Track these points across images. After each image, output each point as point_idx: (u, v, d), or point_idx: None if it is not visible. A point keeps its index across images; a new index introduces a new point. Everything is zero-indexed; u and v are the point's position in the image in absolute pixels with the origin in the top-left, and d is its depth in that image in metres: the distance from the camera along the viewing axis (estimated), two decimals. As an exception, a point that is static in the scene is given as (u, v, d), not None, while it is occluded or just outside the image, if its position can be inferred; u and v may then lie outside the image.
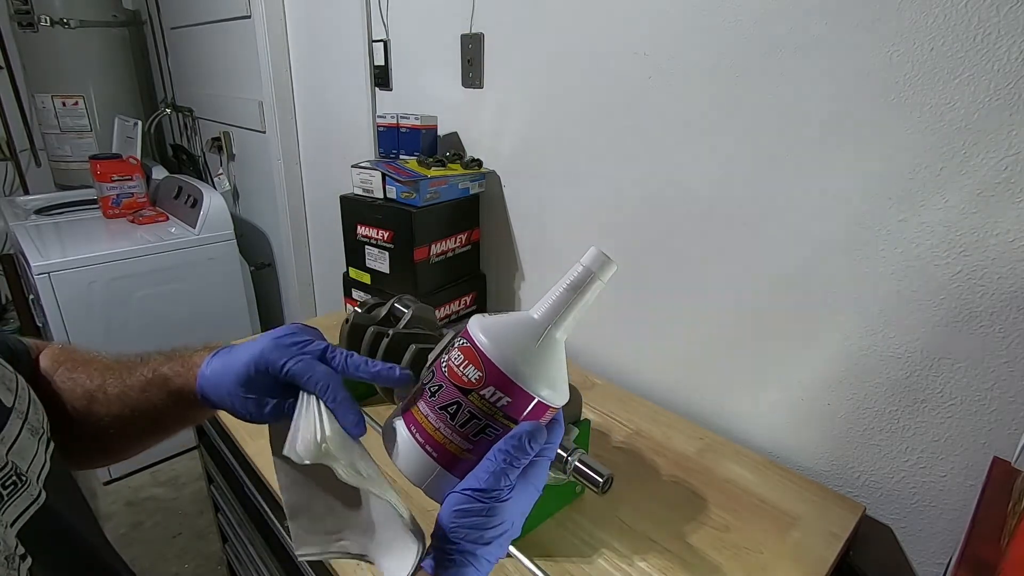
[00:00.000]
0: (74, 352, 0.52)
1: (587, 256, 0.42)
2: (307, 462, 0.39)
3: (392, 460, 0.42)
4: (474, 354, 0.40)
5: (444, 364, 0.42)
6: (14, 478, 0.34)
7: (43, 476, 0.37)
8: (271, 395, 0.45)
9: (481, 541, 0.40)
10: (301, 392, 0.44)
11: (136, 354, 0.51)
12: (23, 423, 0.37)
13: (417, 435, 0.41)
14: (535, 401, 0.40)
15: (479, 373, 0.40)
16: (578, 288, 0.42)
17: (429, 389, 0.42)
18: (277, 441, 0.49)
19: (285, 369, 0.44)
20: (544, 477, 0.43)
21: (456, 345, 0.42)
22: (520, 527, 0.42)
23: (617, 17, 0.97)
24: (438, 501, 0.42)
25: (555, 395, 0.41)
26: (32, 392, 0.41)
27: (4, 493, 0.33)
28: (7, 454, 0.35)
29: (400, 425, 0.43)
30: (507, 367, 0.39)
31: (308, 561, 0.48)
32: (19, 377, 0.40)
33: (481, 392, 0.40)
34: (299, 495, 0.49)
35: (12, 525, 0.33)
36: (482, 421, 0.40)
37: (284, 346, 0.45)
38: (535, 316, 0.42)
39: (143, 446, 0.53)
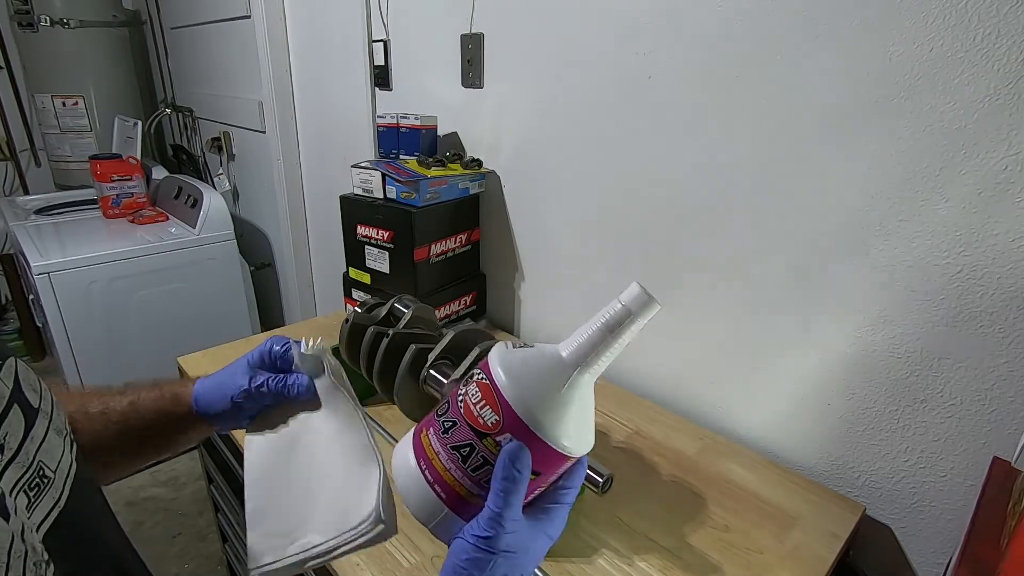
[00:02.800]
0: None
1: (627, 293, 0.38)
2: (311, 352, 0.51)
3: (398, 493, 0.40)
4: (492, 395, 0.37)
5: (460, 398, 0.39)
6: (38, 479, 0.34)
7: (70, 476, 0.37)
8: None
9: None
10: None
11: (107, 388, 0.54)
12: (49, 423, 0.37)
13: (427, 472, 0.39)
14: (555, 451, 0.37)
15: (496, 417, 0.37)
16: (614, 329, 0.38)
17: (443, 423, 0.39)
18: (256, 425, 0.54)
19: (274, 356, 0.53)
20: (561, 525, 0.40)
21: (475, 379, 0.39)
22: (535, 567, 0.40)
23: (617, 17, 0.97)
24: (444, 542, 0.40)
25: (578, 445, 0.38)
26: (53, 395, 0.41)
27: (31, 495, 0.33)
28: (36, 452, 0.34)
29: (410, 455, 0.40)
30: (527, 415, 0.36)
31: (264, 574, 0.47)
32: (41, 380, 0.40)
33: (497, 438, 0.37)
34: (263, 497, 0.51)
35: (38, 529, 0.33)
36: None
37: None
38: (563, 354, 0.38)
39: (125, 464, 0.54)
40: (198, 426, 0.54)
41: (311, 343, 0.53)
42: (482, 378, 0.39)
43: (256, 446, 0.53)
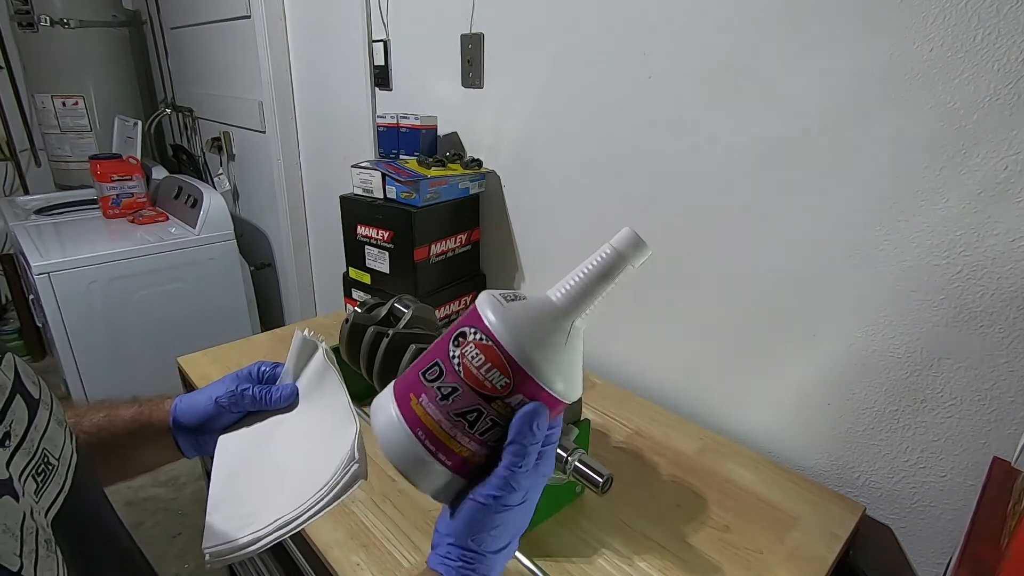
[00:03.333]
0: None
1: (619, 237, 0.38)
2: (307, 334, 0.56)
3: (392, 462, 0.39)
4: (499, 357, 0.36)
5: (457, 361, 0.38)
6: (43, 465, 0.35)
7: (72, 464, 0.38)
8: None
9: (501, 545, 0.39)
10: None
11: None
12: (50, 414, 0.38)
13: (427, 442, 0.38)
14: (555, 399, 0.38)
15: (506, 380, 0.36)
16: (607, 275, 0.37)
17: (439, 389, 0.37)
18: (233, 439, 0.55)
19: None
20: (552, 463, 0.42)
21: (471, 339, 0.38)
22: (530, 519, 0.42)
23: (617, 17, 0.97)
24: (449, 504, 0.40)
25: (574, 391, 0.39)
26: (51, 387, 0.42)
27: (39, 480, 0.34)
28: (40, 440, 0.35)
29: (402, 425, 0.38)
30: (539, 375, 0.36)
31: (215, 556, 0.47)
32: (39, 375, 0.41)
33: (507, 400, 0.37)
34: (228, 487, 0.51)
35: (47, 512, 0.34)
36: (505, 428, 0.38)
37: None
38: (558, 304, 0.38)
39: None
40: (167, 440, 0.55)
41: (307, 331, 0.57)
42: (481, 339, 0.37)
43: (227, 443, 0.54)
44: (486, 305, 0.39)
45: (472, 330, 0.38)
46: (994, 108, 0.64)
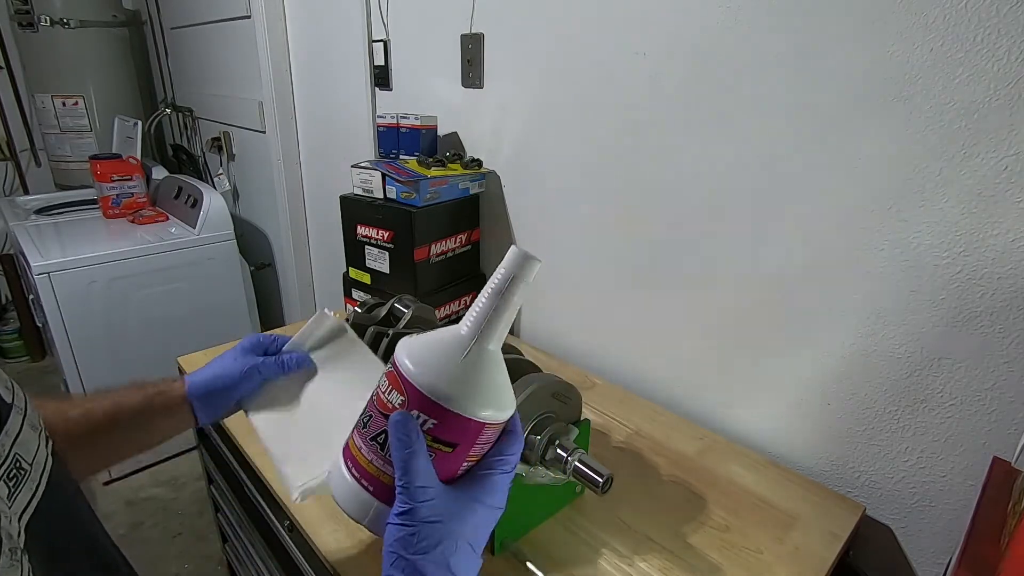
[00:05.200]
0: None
1: (507, 258, 0.40)
2: (333, 315, 0.64)
3: (333, 497, 0.40)
4: (397, 379, 0.38)
5: (374, 394, 0.40)
6: (15, 470, 0.35)
7: (46, 469, 0.38)
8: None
9: (449, 555, 0.37)
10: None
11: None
12: (23, 418, 0.38)
13: (353, 469, 0.39)
14: (464, 418, 0.37)
15: (401, 398, 0.38)
16: (501, 293, 0.39)
17: (363, 420, 0.40)
18: (256, 407, 0.62)
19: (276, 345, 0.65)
20: (496, 492, 0.41)
21: (385, 371, 0.40)
22: (482, 538, 0.40)
23: (617, 17, 0.97)
24: (381, 535, 0.39)
25: (490, 410, 0.38)
26: (26, 392, 0.41)
27: (10, 485, 0.34)
28: (11, 445, 0.35)
29: (338, 459, 0.41)
30: (427, 387, 0.37)
31: (306, 493, 0.54)
32: (12, 379, 0.40)
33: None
34: (284, 444, 0.59)
35: (19, 518, 0.33)
36: None
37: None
38: (462, 331, 0.40)
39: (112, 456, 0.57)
40: (182, 415, 0.59)
41: (329, 311, 0.66)
42: (390, 368, 0.40)
43: (264, 415, 0.61)
44: (402, 340, 0.42)
45: (389, 365, 0.41)
46: (994, 108, 0.64)
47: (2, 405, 0.36)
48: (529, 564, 0.71)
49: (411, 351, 0.39)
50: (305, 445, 0.58)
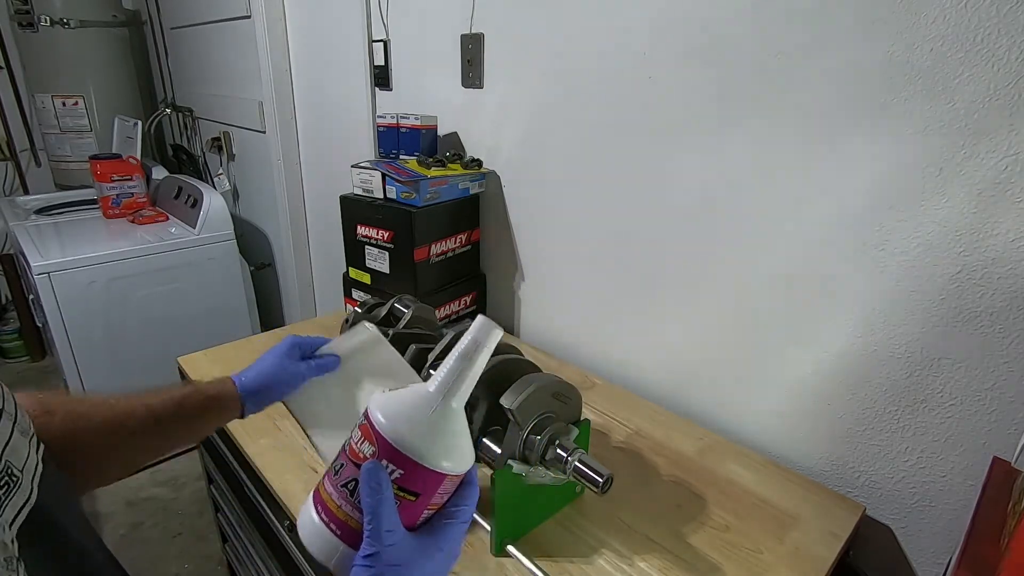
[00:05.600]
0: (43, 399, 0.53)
1: (474, 326, 0.44)
2: (371, 327, 0.70)
3: (303, 542, 0.43)
4: (369, 430, 0.41)
5: (347, 444, 0.43)
6: (7, 477, 0.34)
7: (36, 476, 0.38)
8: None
9: None
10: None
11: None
12: (13, 424, 0.37)
13: (323, 514, 0.42)
14: (428, 470, 0.41)
15: (372, 448, 0.41)
16: (467, 357, 0.43)
17: (335, 468, 0.43)
18: (300, 405, 0.69)
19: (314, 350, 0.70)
20: (453, 540, 0.43)
21: (358, 423, 0.44)
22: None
23: (617, 17, 0.97)
24: None
25: (452, 463, 0.42)
26: (15, 397, 0.41)
27: (1, 493, 0.33)
28: (2, 454, 0.35)
29: (309, 504, 0.44)
30: (396, 439, 0.40)
31: None
32: (1, 384, 0.40)
33: None
34: (332, 439, 0.65)
35: (11, 526, 0.33)
36: None
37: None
38: (430, 388, 0.43)
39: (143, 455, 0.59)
40: (234, 411, 0.64)
41: (369, 325, 0.72)
42: (362, 421, 0.43)
43: (307, 412, 0.68)
44: (375, 396, 0.45)
45: (363, 417, 0.44)
46: (994, 108, 0.64)
47: None
48: (529, 564, 0.71)
49: (383, 406, 0.43)
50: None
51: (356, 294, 1.29)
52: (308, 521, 0.43)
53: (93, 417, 0.53)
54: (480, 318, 0.45)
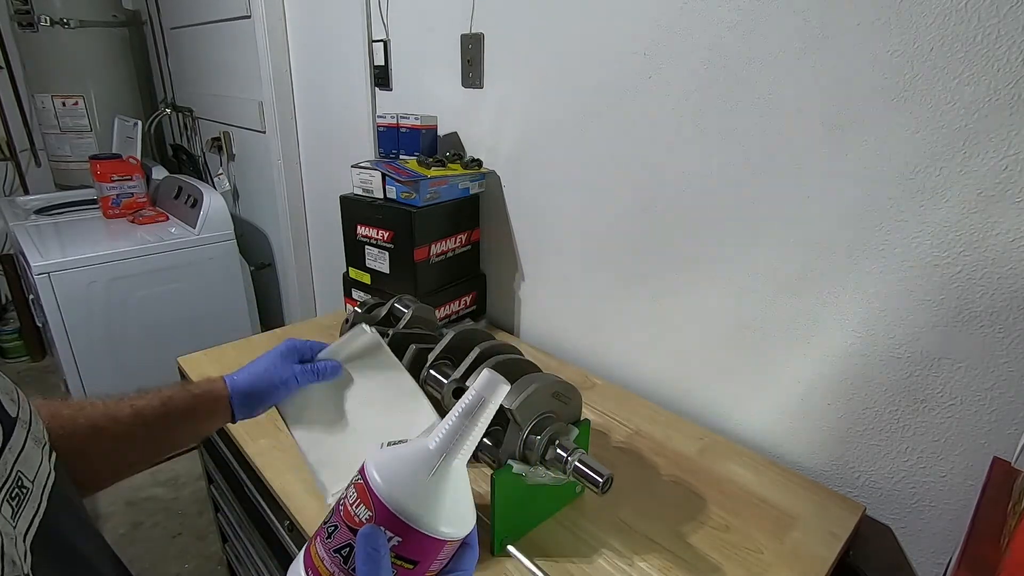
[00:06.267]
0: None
1: (479, 382, 0.41)
2: (370, 330, 0.68)
3: None
4: (365, 492, 0.39)
5: (341, 502, 0.41)
6: (18, 490, 0.34)
7: (47, 487, 0.37)
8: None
9: None
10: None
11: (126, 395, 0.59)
12: (27, 433, 0.37)
13: None
14: (428, 537, 0.38)
15: (369, 513, 0.38)
16: (471, 414, 0.41)
17: (327, 529, 0.40)
18: (292, 411, 0.67)
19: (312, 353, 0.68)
20: None
21: (353, 481, 0.41)
22: None
23: (617, 17, 0.97)
24: None
25: (452, 527, 0.39)
26: (31, 404, 0.41)
27: (13, 504, 0.33)
28: (14, 463, 0.34)
29: (299, 565, 0.41)
30: (395, 505, 0.38)
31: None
32: (18, 389, 0.40)
33: None
34: (321, 450, 0.64)
35: (24, 538, 0.32)
36: None
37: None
38: (430, 446, 0.41)
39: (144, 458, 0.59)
40: (223, 414, 0.63)
41: (367, 327, 0.69)
42: (358, 479, 0.40)
43: (299, 419, 0.66)
44: (371, 453, 0.42)
45: (357, 475, 0.41)
46: (994, 108, 0.64)
47: (6, 418, 0.35)
48: (529, 564, 0.71)
49: (380, 466, 0.40)
50: (338, 453, 0.63)
51: (356, 294, 1.29)
52: None
53: (77, 419, 0.52)
54: (486, 372, 0.41)
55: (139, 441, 0.56)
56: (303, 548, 0.43)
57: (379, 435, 0.62)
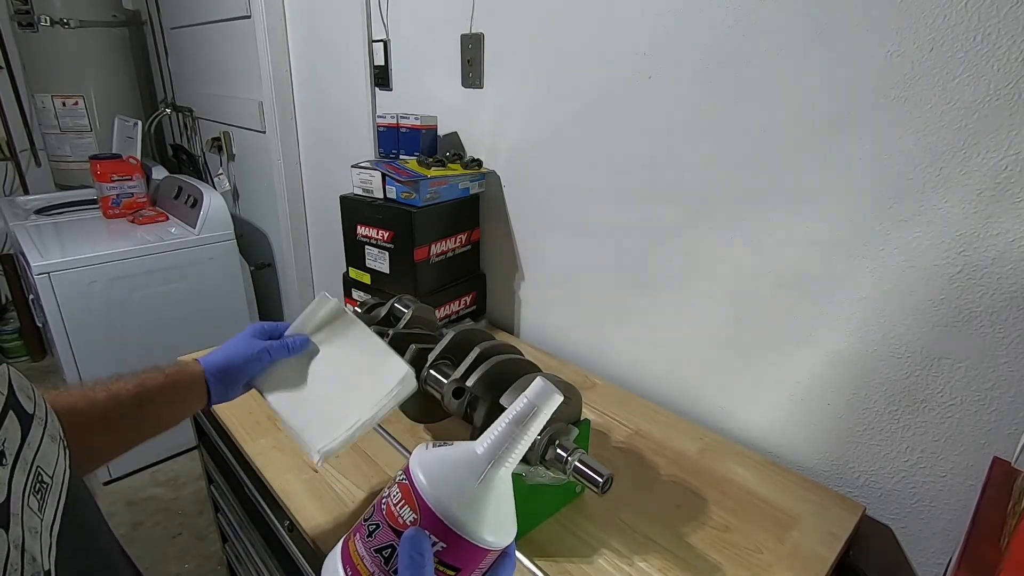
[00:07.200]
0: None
1: (532, 388, 0.41)
2: (331, 298, 0.71)
3: None
4: (411, 494, 0.38)
5: (384, 500, 0.40)
6: (39, 484, 0.34)
7: (66, 481, 0.37)
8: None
9: None
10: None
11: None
12: (44, 429, 0.37)
13: None
14: (473, 545, 0.38)
15: (414, 516, 0.38)
16: (522, 422, 0.40)
17: (368, 527, 0.40)
18: (268, 385, 0.69)
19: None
20: None
21: (397, 480, 0.40)
22: None
23: (617, 17, 0.97)
24: None
25: (496, 536, 0.39)
26: (47, 402, 0.41)
27: (38, 497, 0.33)
28: (34, 458, 0.34)
29: (337, 560, 0.41)
30: (442, 511, 0.37)
31: (327, 454, 0.62)
32: (35, 388, 0.40)
33: None
34: (301, 414, 0.66)
35: (51, 530, 0.33)
36: None
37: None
38: (478, 451, 0.40)
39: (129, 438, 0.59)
40: (199, 393, 0.64)
41: (327, 295, 0.71)
42: (403, 479, 0.40)
43: (277, 394, 0.68)
44: (416, 450, 0.42)
45: (400, 473, 0.41)
46: (994, 108, 0.64)
47: (24, 415, 0.35)
48: (529, 564, 0.71)
49: (427, 468, 0.39)
50: (318, 414, 0.66)
51: (356, 294, 1.29)
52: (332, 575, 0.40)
53: (57, 403, 0.51)
54: (539, 380, 0.41)
55: (116, 423, 0.57)
56: (340, 542, 0.42)
57: (353, 392, 0.66)
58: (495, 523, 0.39)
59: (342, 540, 0.42)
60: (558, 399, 0.41)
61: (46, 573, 0.31)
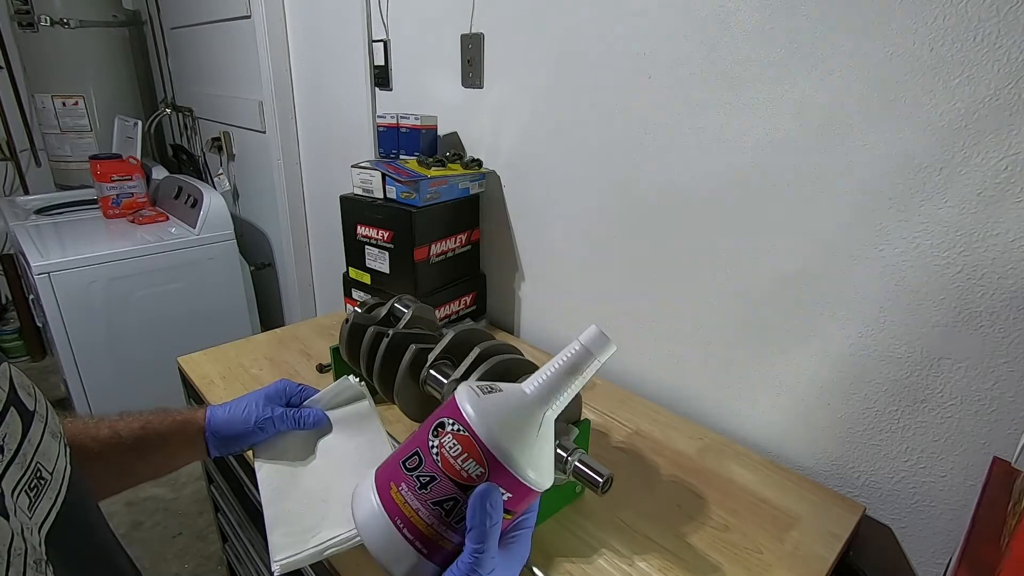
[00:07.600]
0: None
1: (587, 335, 0.41)
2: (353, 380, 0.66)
3: (373, 553, 0.40)
4: (475, 447, 0.38)
5: (436, 451, 0.39)
6: (36, 480, 0.34)
7: (66, 478, 0.38)
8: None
9: None
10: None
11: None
12: (44, 426, 0.38)
13: (405, 530, 0.39)
14: (530, 490, 0.39)
15: (481, 470, 0.38)
16: (576, 369, 0.40)
17: (418, 478, 0.39)
18: (265, 454, 0.65)
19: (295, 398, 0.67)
20: (528, 548, 0.43)
21: (449, 430, 0.39)
22: None
23: (617, 17, 0.97)
24: None
25: (545, 480, 0.40)
26: (47, 399, 0.41)
27: (31, 495, 0.33)
28: (34, 454, 0.35)
29: (380, 513, 0.40)
30: (512, 465, 0.38)
31: (286, 567, 0.55)
32: (35, 386, 0.41)
33: None
34: (279, 506, 0.60)
35: (40, 529, 0.33)
36: None
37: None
38: (530, 396, 0.40)
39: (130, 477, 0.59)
40: (200, 446, 0.63)
41: (353, 379, 0.67)
42: (459, 430, 0.39)
43: (268, 467, 0.63)
44: (464, 397, 0.41)
45: (451, 421, 0.40)
46: (994, 108, 0.64)
47: (24, 412, 0.36)
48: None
49: (488, 421, 0.38)
50: (294, 514, 0.59)
51: (356, 294, 1.29)
52: (389, 539, 0.39)
53: None
54: (594, 327, 0.41)
55: (118, 462, 0.56)
56: (371, 491, 0.41)
57: (341, 500, 0.58)
58: (543, 468, 0.40)
59: (373, 488, 0.41)
60: (612, 348, 0.41)
61: (46, 562, 0.31)
